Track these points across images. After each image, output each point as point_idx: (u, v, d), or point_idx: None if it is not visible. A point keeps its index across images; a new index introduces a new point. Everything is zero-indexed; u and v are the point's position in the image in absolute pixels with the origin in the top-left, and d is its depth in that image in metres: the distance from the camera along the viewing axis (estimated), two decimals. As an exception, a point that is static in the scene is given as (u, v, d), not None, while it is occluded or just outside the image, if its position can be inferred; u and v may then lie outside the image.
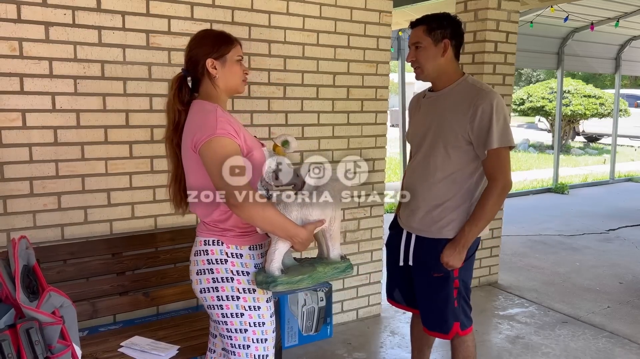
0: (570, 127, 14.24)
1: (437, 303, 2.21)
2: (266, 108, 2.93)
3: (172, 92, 1.76)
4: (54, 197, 2.42)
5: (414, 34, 2.14)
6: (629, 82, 20.56)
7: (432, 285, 2.19)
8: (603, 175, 9.81)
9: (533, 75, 23.81)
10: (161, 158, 2.62)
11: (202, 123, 1.65)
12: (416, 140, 2.25)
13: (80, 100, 2.42)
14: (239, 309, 1.73)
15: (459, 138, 2.06)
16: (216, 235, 1.75)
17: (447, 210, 2.13)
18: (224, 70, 1.74)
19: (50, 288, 1.57)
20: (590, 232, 5.99)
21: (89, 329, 2.48)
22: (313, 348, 3.13)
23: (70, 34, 2.36)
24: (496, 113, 2.00)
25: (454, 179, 2.12)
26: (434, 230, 2.16)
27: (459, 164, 2.10)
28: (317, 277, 1.76)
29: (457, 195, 2.13)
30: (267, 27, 2.86)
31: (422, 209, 2.18)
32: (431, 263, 2.17)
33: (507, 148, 2.04)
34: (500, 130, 2.01)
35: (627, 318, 3.67)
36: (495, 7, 3.89)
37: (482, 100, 2.02)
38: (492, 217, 2.10)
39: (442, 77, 2.15)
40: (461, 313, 2.23)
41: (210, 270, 1.73)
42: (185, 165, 1.76)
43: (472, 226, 2.08)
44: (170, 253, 2.65)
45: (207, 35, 1.79)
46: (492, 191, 2.05)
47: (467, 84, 2.12)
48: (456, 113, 2.07)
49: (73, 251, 2.41)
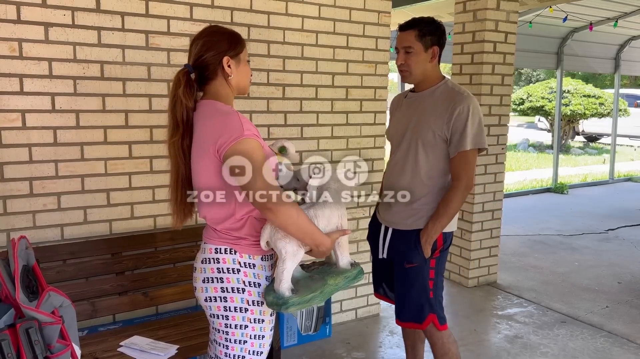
0: (570, 126, 14.24)
1: (411, 292, 2.27)
2: (265, 109, 2.94)
3: (181, 89, 1.64)
4: (53, 197, 2.43)
5: (404, 38, 2.21)
6: (628, 81, 20.57)
7: (407, 275, 2.27)
8: (602, 175, 9.81)
9: (533, 74, 23.81)
10: (160, 158, 2.63)
11: (225, 127, 1.57)
12: (396, 138, 2.34)
13: (79, 101, 2.43)
14: (244, 322, 1.67)
15: (435, 137, 2.18)
16: (229, 243, 1.67)
17: (423, 204, 2.23)
18: (238, 70, 1.69)
19: (49, 288, 1.58)
20: (589, 232, 6.00)
21: (89, 328, 2.48)
22: (312, 347, 3.13)
23: (70, 34, 2.37)
24: (472, 116, 2.13)
25: (430, 176, 2.22)
26: (410, 222, 2.25)
27: (435, 162, 2.21)
28: (329, 291, 1.70)
29: (432, 190, 2.23)
30: (266, 28, 2.87)
31: (399, 204, 2.27)
32: (404, 254, 2.26)
33: (476, 150, 2.18)
34: (474, 133, 2.14)
35: (625, 317, 3.68)
36: (494, 8, 3.90)
37: (460, 103, 2.14)
38: (454, 214, 2.21)
39: (426, 80, 2.26)
40: (437, 305, 2.27)
41: (219, 279, 1.66)
42: (198, 168, 1.66)
43: (436, 223, 2.19)
44: (170, 253, 2.65)
45: (220, 32, 1.70)
46: (455, 191, 2.17)
47: (447, 87, 2.24)
48: (434, 113, 2.19)
49: (73, 251, 2.42)
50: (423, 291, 2.25)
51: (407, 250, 2.25)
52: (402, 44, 2.22)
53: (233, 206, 1.64)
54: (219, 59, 1.66)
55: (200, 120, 1.65)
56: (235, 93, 1.73)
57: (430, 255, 2.23)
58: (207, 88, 1.70)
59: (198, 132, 1.65)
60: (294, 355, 3.04)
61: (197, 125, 1.65)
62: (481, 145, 2.17)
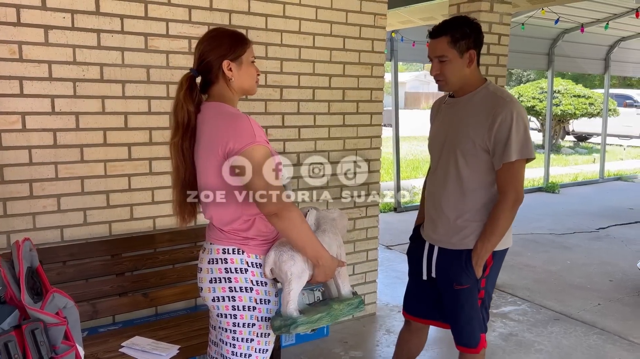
0: (560, 126, 14.37)
1: (461, 316, 2.14)
2: (263, 110, 2.96)
3: (182, 92, 1.66)
4: (53, 199, 2.43)
5: (437, 47, 2.03)
6: (617, 82, 20.77)
7: (457, 297, 2.13)
8: (593, 174, 9.93)
9: (523, 75, 23.97)
10: (160, 160, 2.65)
11: (235, 130, 1.58)
12: (435, 148, 2.20)
13: (79, 103, 2.44)
14: (252, 320, 1.70)
15: (476, 147, 2.01)
16: (237, 243, 1.69)
17: (468, 221, 2.08)
18: (239, 72, 1.69)
19: (53, 289, 1.59)
20: (580, 231, 6.08)
21: (89, 329, 2.49)
22: (310, 346, 3.16)
23: (70, 37, 2.38)
24: (516, 124, 1.94)
25: (473, 189, 2.06)
26: (455, 241, 2.10)
27: (477, 173, 2.04)
28: (335, 315, 1.74)
29: (477, 204, 2.07)
30: (264, 30, 2.89)
31: (442, 219, 2.13)
32: (453, 275, 2.11)
33: (523, 160, 1.99)
34: (520, 142, 1.95)
35: (617, 315, 3.74)
36: (488, 10, 3.94)
37: (502, 109, 1.96)
38: (504, 232, 2.04)
39: (466, 86, 2.08)
40: (483, 323, 2.18)
41: (227, 278, 1.68)
42: (204, 168, 1.68)
43: (485, 242, 2.03)
44: (169, 254, 2.67)
45: (221, 35, 1.71)
46: (503, 206, 2.00)
47: (488, 92, 2.05)
48: (474, 121, 2.02)
49: (73, 253, 2.43)
50: (474, 313, 2.12)
51: (457, 272, 2.09)
52: (435, 53, 2.04)
53: (241, 207, 1.66)
54: (219, 63, 1.67)
55: (206, 121, 1.67)
56: (240, 95, 1.75)
57: (482, 274, 2.09)
58: (211, 91, 1.72)
59: (204, 133, 1.66)
60: (292, 354, 3.07)
61: (202, 127, 1.67)
62: (528, 155, 1.97)
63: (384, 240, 5.28)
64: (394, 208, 6.99)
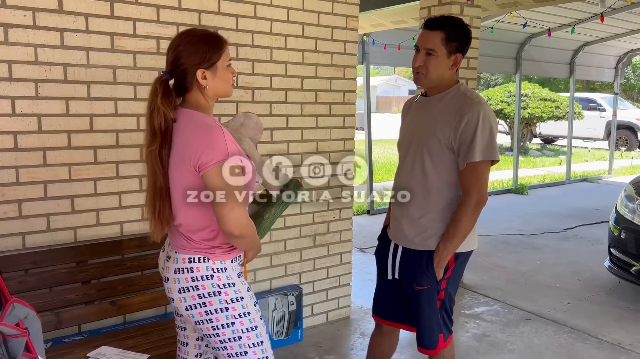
0: (528, 129, 14.67)
1: (422, 317, 2.15)
2: (234, 112, 2.91)
3: (159, 98, 1.60)
4: (14, 205, 2.33)
5: (429, 38, 2.02)
6: (581, 85, 21.38)
7: (417, 298, 2.13)
8: (560, 176, 10.16)
9: (492, 79, 24.45)
10: (127, 163, 2.57)
11: (208, 143, 1.57)
12: (403, 146, 2.20)
13: (41, 104, 2.34)
14: (229, 319, 1.70)
15: (442, 145, 2.01)
16: (204, 252, 1.70)
17: (432, 221, 2.07)
18: (214, 80, 1.65)
19: (13, 299, 1.53)
20: (549, 231, 6.19)
21: (53, 340, 2.39)
22: (284, 352, 3.11)
23: (31, 35, 2.29)
24: (482, 125, 1.95)
25: (438, 188, 2.05)
26: (418, 241, 2.10)
27: (442, 172, 2.04)
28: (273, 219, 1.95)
29: (441, 204, 2.06)
30: (235, 31, 2.85)
31: (406, 218, 2.13)
32: (414, 276, 2.12)
33: (488, 162, 2.00)
34: (485, 143, 1.96)
35: (586, 313, 3.81)
36: (458, 13, 3.98)
37: (470, 109, 1.97)
38: (467, 233, 2.04)
39: (440, 85, 2.10)
40: (442, 325, 2.18)
41: (195, 287, 1.68)
42: (175, 177, 1.66)
43: (447, 244, 2.03)
44: (138, 261, 2.59)
45: (197, 39, 1.64)
46: (465, 207, 2.00)
47: (458, 92, 2.07)
48: (442, 120, 2.02)
49: (35, 261, 2.33)
50: (434, 314, 2.13)
51: (417, 272, 2.09)
52: (425, 44, 2.02)
53: (209, 217, 1.66)
54: (194, 71, 1.63)
55: (180, 130, 1.64)
56: (214, 100, 1.73)
57: (442, 276, 2.08)
58: (186, 97, 1.69)
59: (178, 142, 1.64)
60: (265, 361, 3.01)
61: (177, 134, 1.64)
62: (492, 157, 1.99)
63: (358, 243, 5.27)
64: (367, 210, 7.00)
